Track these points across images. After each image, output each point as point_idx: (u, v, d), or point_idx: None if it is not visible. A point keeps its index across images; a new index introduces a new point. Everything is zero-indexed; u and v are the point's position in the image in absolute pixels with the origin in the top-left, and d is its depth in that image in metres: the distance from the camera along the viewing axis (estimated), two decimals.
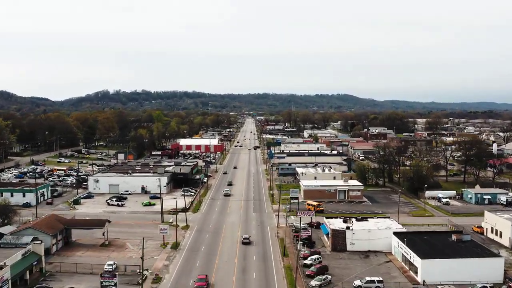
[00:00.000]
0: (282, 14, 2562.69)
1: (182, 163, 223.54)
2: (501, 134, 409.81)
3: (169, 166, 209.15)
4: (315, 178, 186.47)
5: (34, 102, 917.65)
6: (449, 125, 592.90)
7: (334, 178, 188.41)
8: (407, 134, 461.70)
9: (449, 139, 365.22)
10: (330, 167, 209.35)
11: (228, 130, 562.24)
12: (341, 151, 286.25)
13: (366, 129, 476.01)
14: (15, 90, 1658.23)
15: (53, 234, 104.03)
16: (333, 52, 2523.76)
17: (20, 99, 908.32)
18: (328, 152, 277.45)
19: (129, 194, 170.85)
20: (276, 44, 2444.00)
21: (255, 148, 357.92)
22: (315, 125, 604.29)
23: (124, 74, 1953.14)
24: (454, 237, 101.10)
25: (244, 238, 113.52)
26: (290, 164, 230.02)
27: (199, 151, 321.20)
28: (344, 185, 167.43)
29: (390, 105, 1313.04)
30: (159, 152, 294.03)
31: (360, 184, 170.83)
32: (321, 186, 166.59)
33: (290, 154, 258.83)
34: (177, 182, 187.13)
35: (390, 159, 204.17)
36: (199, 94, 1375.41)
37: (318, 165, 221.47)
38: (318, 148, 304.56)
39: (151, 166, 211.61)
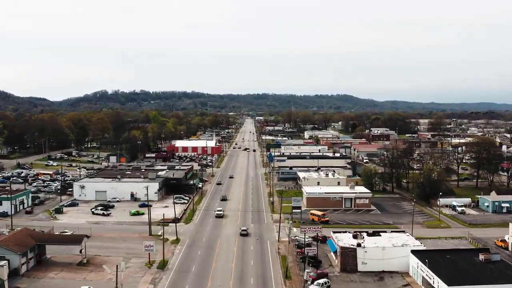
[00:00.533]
0: (282, 14, 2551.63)
1: (176, 167, 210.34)
2: (507, 135, 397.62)
3: (162, 170, 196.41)
4: (318, 183, 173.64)
5: (32, 102, 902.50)
6: (452, 126, 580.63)
7: (339, 183, 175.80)
8: (409, 135, 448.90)
9: (455, 140, 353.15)
10: (334, 171, 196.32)
11: (226, 131, 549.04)
12: (344, 153, 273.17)
13: (368, 130, 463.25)
14: (15, 90, 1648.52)
15: (22, 252, 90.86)
16: (333, 52, 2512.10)
17: (18, 99, 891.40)
18: (330, 154, 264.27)
19: (117, 201, 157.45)
20: (276, 44, 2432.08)
21: (253, 150, 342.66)
22: (316, 125, 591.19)
23: (124, 74, 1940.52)
24: (481, 256, 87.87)
25: (242, 230, 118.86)
26: (291, 167, 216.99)
27: (195, 153, 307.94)
28: (350, 192, 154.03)
29: (390, 106, 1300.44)
30: (153, 155, 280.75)
31: (368, 191, 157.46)
32: (325, 193, 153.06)
33: (290, 157, 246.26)
34: (170, 188, 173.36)
35: (398, 162, 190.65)
36: (198, 94, 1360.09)
37: (321, 169, 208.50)
38: (320, 150, 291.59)
39: (143, 170, 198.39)
